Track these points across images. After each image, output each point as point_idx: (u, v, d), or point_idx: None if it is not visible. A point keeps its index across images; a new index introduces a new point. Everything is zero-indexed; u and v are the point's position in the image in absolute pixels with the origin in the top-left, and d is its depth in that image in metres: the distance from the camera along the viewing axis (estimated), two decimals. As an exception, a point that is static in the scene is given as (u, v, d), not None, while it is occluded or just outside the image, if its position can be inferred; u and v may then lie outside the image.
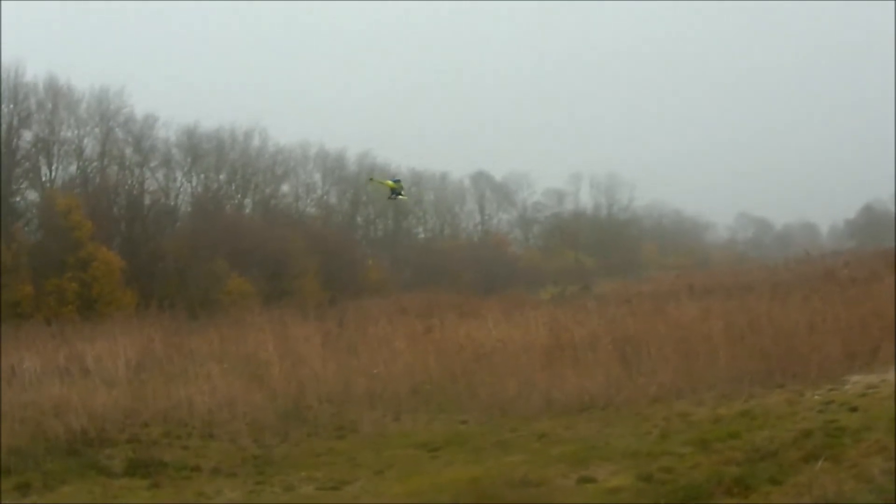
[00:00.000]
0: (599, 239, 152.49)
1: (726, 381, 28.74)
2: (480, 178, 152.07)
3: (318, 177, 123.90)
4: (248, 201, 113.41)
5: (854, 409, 23.12)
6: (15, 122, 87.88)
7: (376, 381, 32.80)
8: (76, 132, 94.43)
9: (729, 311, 39.30)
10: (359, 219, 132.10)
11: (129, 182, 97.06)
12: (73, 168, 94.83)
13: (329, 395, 31.42)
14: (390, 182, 32.14)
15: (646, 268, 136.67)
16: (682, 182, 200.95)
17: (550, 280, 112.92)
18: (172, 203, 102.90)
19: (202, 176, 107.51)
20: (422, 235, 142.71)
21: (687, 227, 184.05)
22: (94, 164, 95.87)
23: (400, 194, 32.66)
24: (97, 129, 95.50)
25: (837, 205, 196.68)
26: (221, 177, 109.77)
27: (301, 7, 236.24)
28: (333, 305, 73.33)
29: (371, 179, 54.49)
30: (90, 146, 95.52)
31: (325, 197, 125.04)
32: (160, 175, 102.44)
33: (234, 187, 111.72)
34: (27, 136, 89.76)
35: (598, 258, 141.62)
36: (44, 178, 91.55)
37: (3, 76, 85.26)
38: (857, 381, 27.13)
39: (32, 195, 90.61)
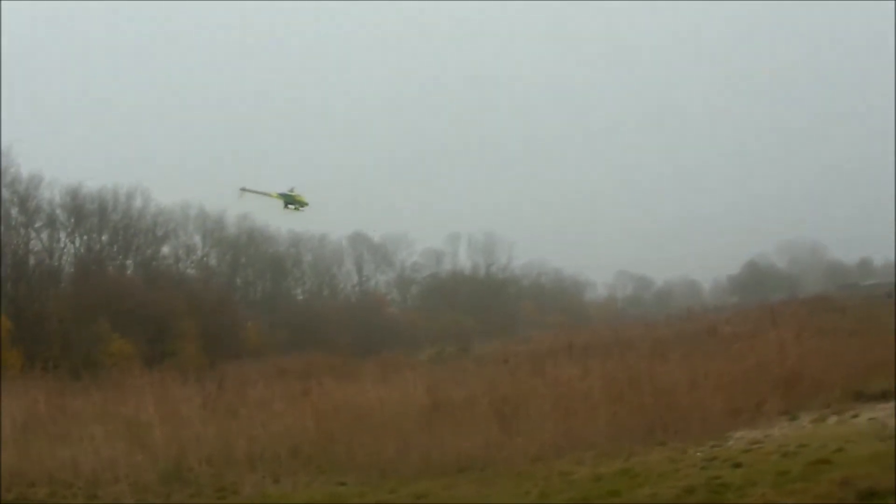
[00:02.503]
0: (478, 299, 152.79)
1: (606, 439, 28.62)
2: (358, 239, 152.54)
3: (197, 238, 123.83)
4: (129, 262, 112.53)
5: (738, 465, 22.99)
6: None
7: (256, 443, 32.21)
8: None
9: (608, 369, 39.48)
10: (238, 280, 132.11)
11: (15, 242, 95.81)
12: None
13: (210, 457, 30.76)
14: (275, 193, 31.85)
15: (525, 327, 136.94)
16: (561, 241, 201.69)
17: (429, 341, 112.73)
18: (56, 264, 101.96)
19: (85, 237, 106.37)
20: (301, 297, 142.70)
21: (566, 285, 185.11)
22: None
23: (296, 205, 32.01)
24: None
25: (720, 261, 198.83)
26: (104, 238, 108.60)
27: (177, 70, 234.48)
28: (213, 367, 72.85)
29: (243, 190, 52.90)
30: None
31: (204, 259, 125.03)
32: (44, 235, 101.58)
33: (116, 248, 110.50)
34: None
35: (477, 318, 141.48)
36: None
37: None
38: (740, 437, 27.20)
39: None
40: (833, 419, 29.25)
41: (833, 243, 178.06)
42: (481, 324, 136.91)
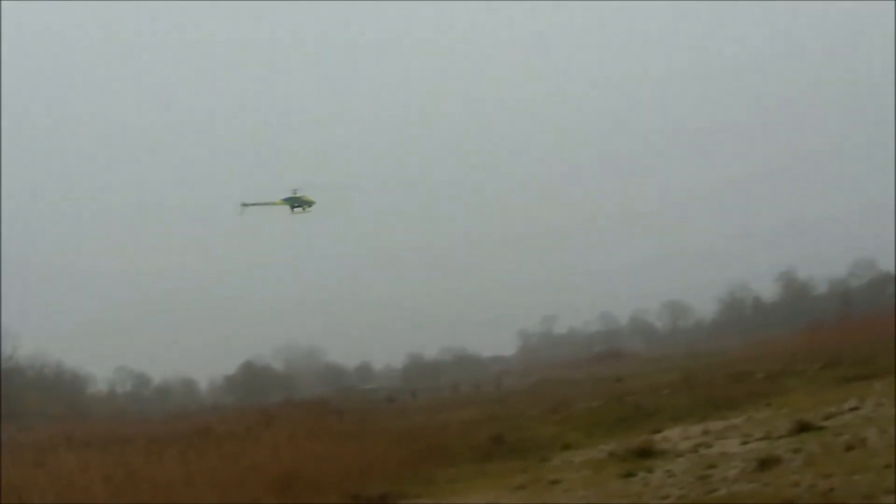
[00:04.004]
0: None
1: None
2: None
3: None
4: None
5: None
6: None
7: None
8: None
9: (106, 463, 39.44)
10: None
11: None
12: None
13: None
14: (278, 200, 33.16)
15: (29, 417, 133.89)
16: (64, 333, 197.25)
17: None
18: None
19: None
20: None
21: (67, 378, 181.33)
22: None
23: (303, 205, 33.21)
24: None
25: (216, 360, 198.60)
26: None
27: None
28: None
29: (244, 205, 51.68)
30: None
31: None
32: None
33: None
34: None
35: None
36: None
37: None
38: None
39: None
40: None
41: (332, 347, 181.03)
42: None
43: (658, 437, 44.09)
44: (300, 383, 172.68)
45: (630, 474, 34.75)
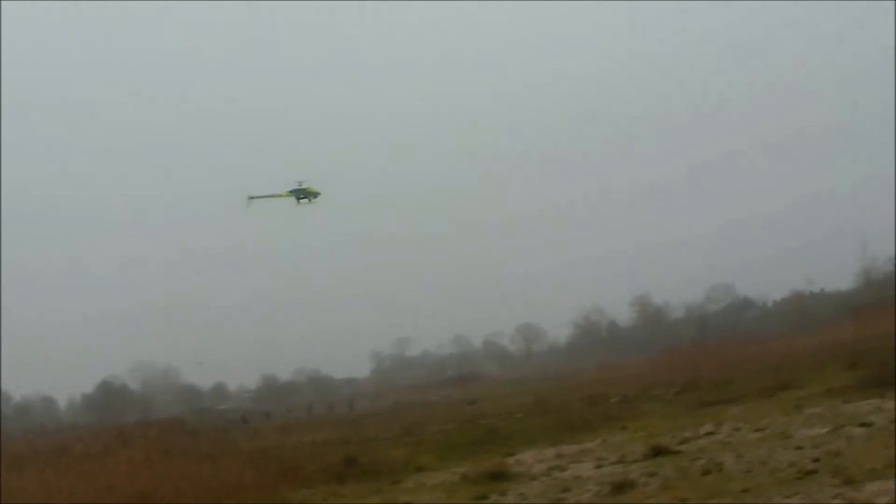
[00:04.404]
0: None
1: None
2: None
3: None
4: None
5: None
6: None
7: None
8: None
9: None
10: None
11: None
12: None
13: None
14: (284, 192, 34.33)
15: None
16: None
17: None
18: None
19: None
20: None
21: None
22: None
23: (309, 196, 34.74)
24: None
25: (74, 378, 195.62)
26: None
27: None
28: None
29: (251, 198, 51.43)
30: None
31: None
32: None
33: None
34: None
35: None
36: None
37: None
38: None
39: None
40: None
41: (187, 368, 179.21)
42: None
43: (511, 460, 44.26)
44: (156, 403, 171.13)
45: (483, 497, 35.02)
